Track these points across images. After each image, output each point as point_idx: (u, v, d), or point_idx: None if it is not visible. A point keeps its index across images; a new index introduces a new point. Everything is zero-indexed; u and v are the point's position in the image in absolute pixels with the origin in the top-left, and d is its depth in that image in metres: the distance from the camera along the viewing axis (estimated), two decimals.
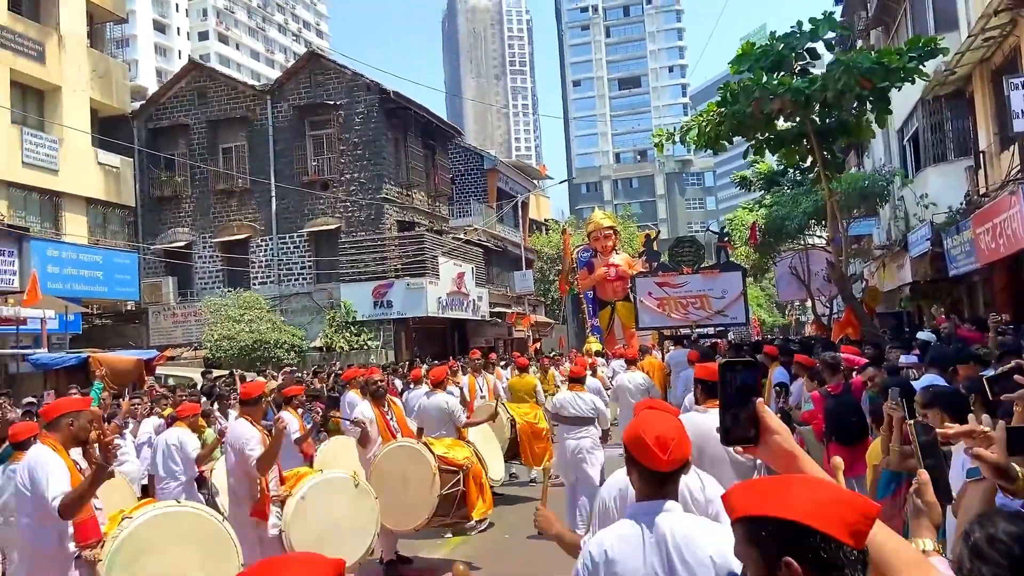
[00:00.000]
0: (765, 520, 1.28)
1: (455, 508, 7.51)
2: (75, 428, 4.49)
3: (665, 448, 2.36)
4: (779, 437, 1.55)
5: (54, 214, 22.03)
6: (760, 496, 1.32)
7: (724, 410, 1.60)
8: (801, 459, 1.55)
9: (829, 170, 13.76)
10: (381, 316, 24.61)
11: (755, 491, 1.34)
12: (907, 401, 4.19)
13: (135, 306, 25.09)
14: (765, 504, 1.29)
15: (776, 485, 1.34)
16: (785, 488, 1.31)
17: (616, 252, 26.69)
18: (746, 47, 13.05)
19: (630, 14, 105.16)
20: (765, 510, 1.28)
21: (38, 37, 21.57)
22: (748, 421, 1.56)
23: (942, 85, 14.93)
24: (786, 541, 1.25)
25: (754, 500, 1.32)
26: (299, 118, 26.09)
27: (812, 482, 1.34)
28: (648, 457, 2.38)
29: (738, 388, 1.59)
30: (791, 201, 20.91)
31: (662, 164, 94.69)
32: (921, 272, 15.92)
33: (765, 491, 1.32)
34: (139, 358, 14.30)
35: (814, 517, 1.24)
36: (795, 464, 1.54)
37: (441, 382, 8.82)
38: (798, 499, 1.27)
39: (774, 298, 45.46)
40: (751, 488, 1.36)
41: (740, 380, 1.59)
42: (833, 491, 1.30)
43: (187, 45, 78.52)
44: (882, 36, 20.12)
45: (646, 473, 2.41)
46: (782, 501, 1.28)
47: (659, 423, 2.43)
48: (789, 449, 1.55)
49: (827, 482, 1.38)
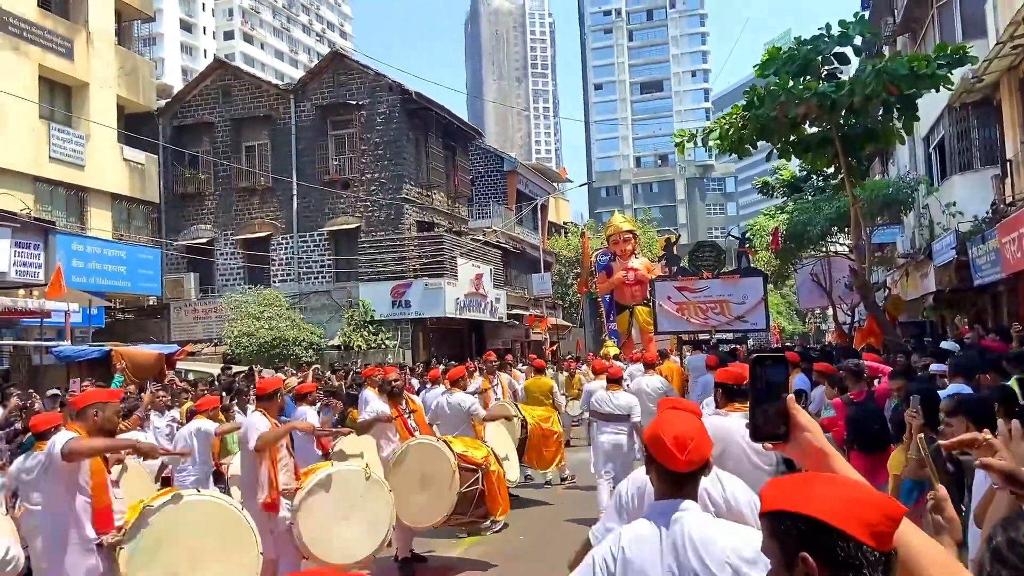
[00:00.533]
0: (786, 515, 1.29)
1: (473, 507, 7.51)
2: (100, 419, 4.54)
3: (683, 448, 2.35)
4: (810, 434, 1.53)
5: (79, 209, 22.30)
6: (784, 491, 1.33)
7: (754, 406, 1.58)
8: (832, 457, 1.53)
9: (853, 176, 13.64)
10: (399, 316, 24.69)
11: (781, 486, 1.35)
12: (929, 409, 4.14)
13: (157, 301, 25.33)
14: (787, 499, 1.30)
15: (801, 481, 1.34)
16: (809, 485, 1.32)
17: (635, 256, 26.57)
18: (772, 52, 12.96)
19: (653, 18, 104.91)
20: (786, 505, 1.30)
21: (67, 34, 21.85)
22: (778, 417, 1.54)
23: (969, 92, 14.76)
24: (804, 536, 1.26)
25: (778, 495, 1.33)
26: (321, 117, 26.25)
27: (838, 480, 1.34)
28: (666, 456, 2.37)
29: (768, 384, 1.57)
30: (813, 207, 20.74)
31: (683, 169, 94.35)
32: (945, 281, 15.74)
33: (789, 487, 1.33)
34: (160, 352, 14.43)
35: (833, 514, 1.25)
36: (826, 462, 1.52)
37: (458, 381, 8.83)
38: (820, 496, 1.27)
39: (794, 305, 45.11)
40: (778, 484, 1.37)
41: (771, 376, 1.57)
42: (858, 490, 1.30)
43: (213, 44, 79.28)
44: (909, 43, 19.93)
45: (664, 472, 2.40)
46: (804, 497, 1.28)
47: (679, 423, 2.42)
48: (820, 446, 1.53)
49: (854, 481, 1.36)
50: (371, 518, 5.99)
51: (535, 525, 9.20)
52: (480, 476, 7.56)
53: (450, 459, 7.25)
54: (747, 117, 12.74)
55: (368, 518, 5.98)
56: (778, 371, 1.58)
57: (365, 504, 5.97)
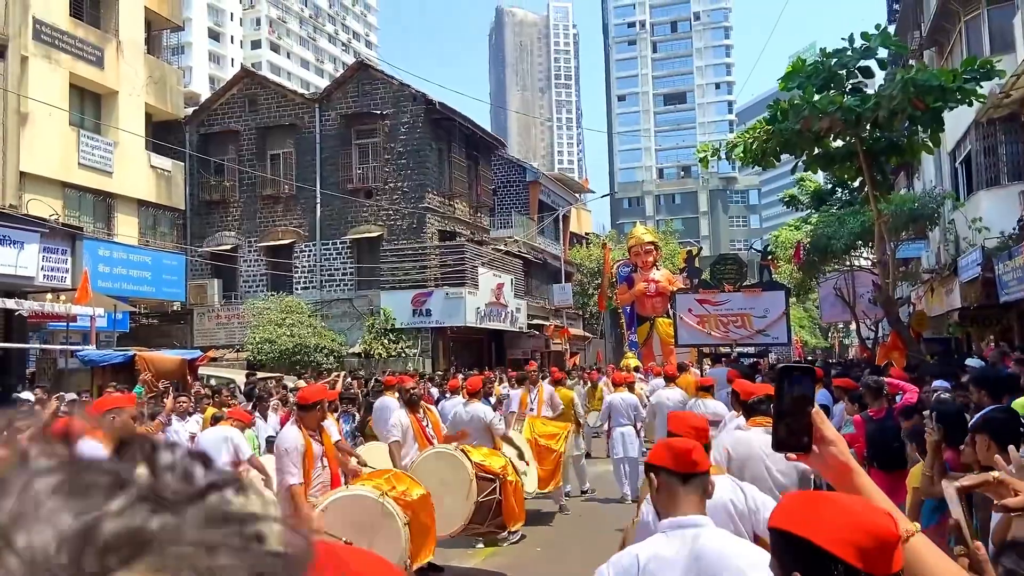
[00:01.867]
0: (787, 534, 1.35)
1: (490, 517, 7.51)
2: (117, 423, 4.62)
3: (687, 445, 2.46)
4: (835, 448, 1.51)
5: (107, 214, 22.62)
6: (790, 510, 1.38)
7: (778, 417, 1.56)
8: (856, 472, 1.51)
9: (879, 190, 13.53)
10: (419, 324, 24.77)
11: (789, 505, 1.40)
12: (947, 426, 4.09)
13: (181, 307, 25.59)
14: (790, 519, 1.35)
15: (808, 502, 1.38)
16: (813, 507, 1.36)
17: (656, 268, 26.50)
18: (796, 64, 12.90)
19: (678, 30, 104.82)
20: (788, 524, 1.35)
21: (98, 43, 22.22)
22: (802, 429, 1.53)
23: (997, 108, 14.59)
24: (801, 556, 1.31)
25: (785, 513, 1.38)
26: (346, 126, 26.47)
27: (843, 503, 1.37)
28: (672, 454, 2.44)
29: (794, 396, 1.55)
30: (837, 221, 20.57)
31: (706, 181, 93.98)
32: (971, 297, 15.53)
33: (796, 506, 1.38)
34: (183, 358, 14.58)
35: (828, 539, 1.29)
36: (850, 477, 1.50)
37: (478, 392, 8.84)
38: (820, 519, 1.32)
39: (817, 319, 44.69)
40: (788, 502, 1.42)
41: (797, 387, 1.56)
42: (859, 515, 1.32)
43: (240, 53, 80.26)
44: (935, 57, 19.76)
45: (672, 477, 2.44)
46: (805, 519, 1.34)
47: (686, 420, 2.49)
48: (844, 461, 1.51)
49: (860, 505, 1.37)
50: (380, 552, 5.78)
51: (552, 537, 9.17)
52: (498, 486, 7.57)
53: (468, 468, 7.26)
54: (771, 131, 12.70)
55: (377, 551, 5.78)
56: (805, 382, 1.56)
57: (377, 536, 5.67)
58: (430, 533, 6.40)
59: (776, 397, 1.58)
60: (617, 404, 11.08)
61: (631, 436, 10.85)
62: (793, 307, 39.06)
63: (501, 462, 7.79)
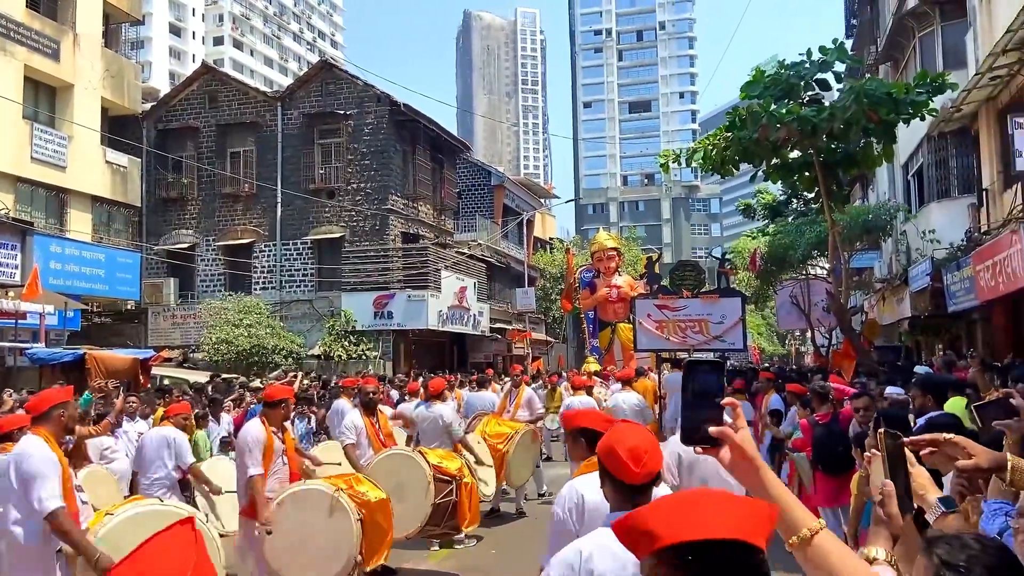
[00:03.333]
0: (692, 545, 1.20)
1: (446, 518, 7.50)
2: (65, 419, 4.53)
3: (639, 461, 2.41)
4: (740, 444, 1.52)
5: (60, 210, 22.14)
6: (679, 519, 1.23)
7: (686, 409, 1.58)
8: (762, 469, 1.53)
9: (835, 201, 13.80)
10: (381, 326, 24.62)
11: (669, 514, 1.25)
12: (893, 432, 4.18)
13: (135, 306, 25.13)
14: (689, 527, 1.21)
15: (686, 506, 1.25)
16: (696, 506, 1.24)
17: (619, 274, 26.66)
18: (757, 74, 13.10)
19: (643, 39, 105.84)
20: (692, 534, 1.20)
21: (54, 35, 21.77)
22: (709, 422, 1.54)
23: (948, 122, 14.98)
24: None
25: (675, 524, 1.23)
26: (309, 126, 26.24)
27: (719, 498, 1.26)
28: (622, 469, 2.41)
29: (700, 389, 1.57)
30: (795, 230, 20.92)
31: (669, 189, 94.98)
32: (921, 307, 15.90)
33: (681, 512, 1.24)
34: (135, 357, 14.30)
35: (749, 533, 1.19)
36: (755, 474, 1.52)
37: (440, 393, 8.83)
38: (722, 515, 1.21)
39: (774, 327, 45.38)
40: (661, 510, 1.26)
41: (702, 381, 1.57)
42: (747, 503, 1.25)
43: (201, 49, 79.12)
44: (891, 71, 20.22)
45: (620, 485, 2.45)
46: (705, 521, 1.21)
47: (633, 436, 2.47)
48: (750, 457, 1.52)
49: (726, 495, 1.27)
50: (331, 545, 5.77)
51: (508, 539, 9.17)
52: (454, 487, 7.56)
53: (426, 469, 7.25)
54: (730, 138, 12.88)
55: (329, 544, 5.77)
56: (711, 377, 1.58)
57: (328, 529, 5.77)
58: (386, 536, 6.40)
59: (683, 391, 1.60)
60: (575, 407, 11.12)
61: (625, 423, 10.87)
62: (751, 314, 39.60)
63: (457, 464, 7.80)
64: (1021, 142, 10.34)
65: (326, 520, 5.78)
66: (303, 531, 5.70)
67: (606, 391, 15.24)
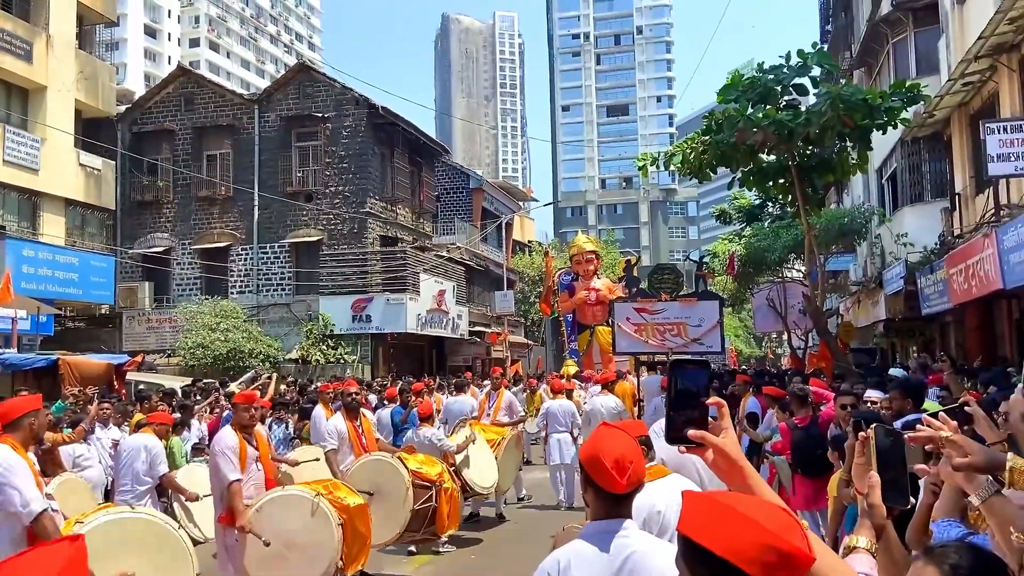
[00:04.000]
0: (691, 542, 1.32)
1: (426, 524, 7.48)
2: (36, 427, 4.46)
3: (623, 471, 2.36)
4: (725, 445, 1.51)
5: (32, 214, 21.81)
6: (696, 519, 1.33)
7: (670, 409, 1.58)
8: (747, 471, 1.52)
9: (809, 205, 13.91)
10: (359, 330, 24.50)
11: (695, 511, 1.34)
12: None
13: (110, 310, 24.82)
14: (696, 527, 1.32)
15: (713, 508, 1.33)
16: (719, 513, 1.32)
17: (597, 276, 26.75)
18: (734, 78, 13.17)
19: (621, 43, 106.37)
20: (693, 533, 1.31)
21: (27, 36, 21.46)
22: (694, 423, 1.53)
23: (921, 127, 15.19)
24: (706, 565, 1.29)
25: (690, 519, 1.33)
26: (286, 129, 26.08)
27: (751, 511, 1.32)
28: (606, 479, 2.37)
29: (684, 389, 1.57)
30: (772, 234, 21.10)
31: (647, 192, 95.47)
32: (895, 310, 16.09)
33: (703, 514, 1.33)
34: (109, 363, 14.11)
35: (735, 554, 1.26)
36: (740, 475, 1.52)
37: (429, 416, 8.84)
38: (725, 529, 1.29)
39: (752, 329, 45.72)
40: (693, 505, 1.36)
41: (686, 381, 1.57)
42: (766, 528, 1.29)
43: (177, 51, 78.40)
44: (864, 77, 20.47)
45: (603, 494, 2.40)
46: (710, 528, 1.29)
47: (617, 444, 2.42)
48: (734, 459, 1.52)
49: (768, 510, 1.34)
50: (312, 550, 5.71)
51: (488, 544, 9.15)
52: (434, 493, 7.54)
53: (405, 476, 7.21)
54: (707, 142, 12.95)
55: (310, 549, 5.72)
56: (695, 376, 1.58)
57: (309, 534, 5.73)
58: (365, 542, 6.38)
59: (667, 391, 1.60)
60: (555, 411, 11.16)
61: (567, 443, 10.91)
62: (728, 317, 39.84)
63: (437, 469, 7.78)
64: (993, 147, 10.49)
65: (307, 526, 5.74)
66: (283, 537, 5.65)
67: (585, 394, 15.28)
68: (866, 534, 1.72)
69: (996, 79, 12.75)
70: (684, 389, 1.57)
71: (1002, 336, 13.25)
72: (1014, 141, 10.44)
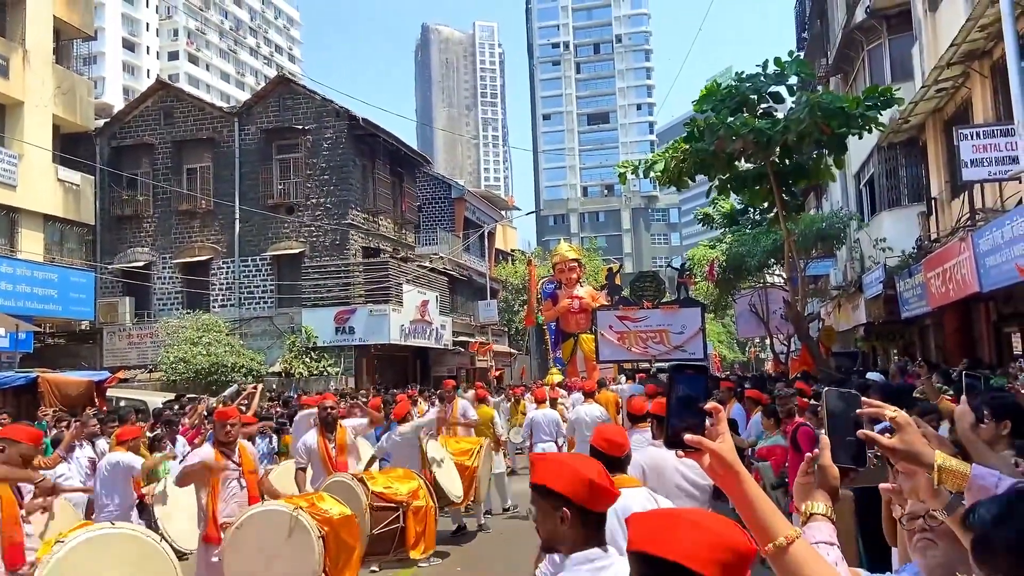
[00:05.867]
0: (647, 556, 1.37)
1: (395, 546, 7.35)
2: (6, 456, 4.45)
3: (611, 481, 2.24)
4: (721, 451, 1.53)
5: (10, 230, 21.59)
6: (646, 531, 1.40)
7: (670, 415, 1.58)
8: (742, 477, 1.53)
9: (788, 211, 14.06)
10: (342, 342, 24.41)
11: (645, 527, 1.40)
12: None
13: (90, 325, 24.58)
14: (651, 542, 1.37)
15: (662, 522, 1.41)
16: (669, 525, 1.39)
17: (580, 284, 26.84)
18: (712, 87, 13.31)
19: (600, 52, 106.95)
20: (650, 548, 1.37)
21: (3, 51, 21.29)
22: (693, 428, 1.54)
23: (897, 133, 15.38)
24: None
25: (641, 535, 1.39)
26: (266, 141, 26.00)
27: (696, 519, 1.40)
28: (598, 494, 2.18)
29: (684, 395, 1.58)
30: (752, 239, 21.26)
31: (628, 199, 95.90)
32: (875, 313, 16.25)
33: (654, 528, 1.40)
34: (90, 380, 13.97)
35: (690, 557, 1.32)
36: (735, 481, 1.53)
37: (404, 418, 8.80)
38: (678, 538, 1.35)
39: (734, 335, 45.98)
40: (643, 523, 1.42)
41: (687, 387, 1.58)
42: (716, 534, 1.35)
43: (156, 64, 77.97)
44: (840, 84, 20.71)
45: (590, 518, 2.19)
46: (664, 538, 1.36)
47: (586, 462, 2.29)
48: (730, 463, 1.53)
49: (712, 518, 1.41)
50: (294, 565, 5.63)
51: (474, 556, 9.13)
52: (400, 514, 7.38)
53: (362, 500, 7.06)
54: (687, 151, 13.07)
55: (291, 564, 5.63)
56: (695, 382, 1.59)
57: (291, 549, 5.67)
58: (353, 553, 6.31)
59: (667, 395, 1.61)
60: (539, 420, 11.15)
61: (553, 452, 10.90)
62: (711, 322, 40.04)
63: (410, 487, 7.60)
64: (967, 153, 10.65)
65: (286, 540, 5.68)
66: (264, 553, 5.61)
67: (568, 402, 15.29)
68: (822, 499, 1.71)
69: (969, 85, 12.94)
70: (684, 395, 1.58)
71: (980, 338, 13.41)
72: (987, 147, 10.61)
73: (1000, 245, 8.93)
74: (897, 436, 1.79)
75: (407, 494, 7.39)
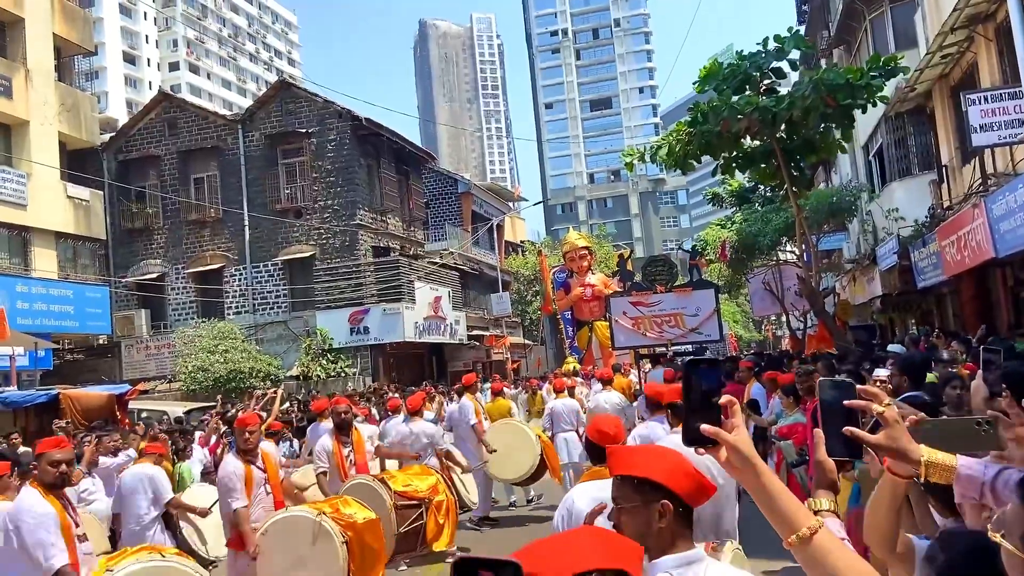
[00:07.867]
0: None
1: (420, 543, 7.37)
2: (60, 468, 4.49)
3: (700, 472, 2.01)
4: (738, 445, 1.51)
5: (23, 249, 21.75)
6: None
7: (688, 411, 1.57)
8: (760, 470, 1.52)
9: (797, 187, 13.95)
10: (358, 342, 24.48)
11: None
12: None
13: (107, 340, 24.77)
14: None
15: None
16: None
17: (592, 272, 26.82)
18: (712, 67, 13.20)
19: (599, 37, 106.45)
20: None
21: (5, 72, 21.41)
22: (709, 421, 1.53)
23: (903, 102, 15.23)
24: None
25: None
26: (271, 146, 26.06)
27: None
28: (698, 486, 1.96)
29: (701, 389, 1.56)
30: (762, 218, 21.14)
31: (635, 184, 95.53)
32: (891, 285, 16.14)
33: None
34: (111, 393, 14.05)
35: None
36: (751, 473, 1.51)
37: (419, 409, 8.79)
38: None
39: (749, 314, 45.81)
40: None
41: (703, 381, 1.56)
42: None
43: (158, 76, 78.26)
44: (844, 55, 20.52)
45: (686, 514, 1.96)
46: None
47: (675, 452, 2.03)
48: (747, 456, 1.51)
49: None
50: (319, 570, 5.66)
51: (503, 546, 9.14)
52: (424, 510, 7.40)
53: (386, 501, 7.08)
54: (692, 133, 12.97)
55: (316, 569, 5.66)
56: (711, 375, 1.57)
57: (315, 555, 5.70)
58: (379, 556, 6.33)
59: (684, 392, 1.59)
60: (559, 410, 11.13)
61: (574, 441, 10.89)
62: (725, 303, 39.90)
63: (429, 482, 7.62)
64: (976, 118, 10.53)
65: (311, 546, 5.72)
66: (290, 559, 5.65)
67: (588, 391, 15.29)
68: (826, 495, 1.70)
69: (974, 49, 12.80)
70: (701, 389, 1.56)
71: (998, 303, 13.29)
72: (996, 111, 10.49)
73: (1014, 209, 8.84)
74: (883, 432, 1.76)
75: (427, 490, 7.42)
